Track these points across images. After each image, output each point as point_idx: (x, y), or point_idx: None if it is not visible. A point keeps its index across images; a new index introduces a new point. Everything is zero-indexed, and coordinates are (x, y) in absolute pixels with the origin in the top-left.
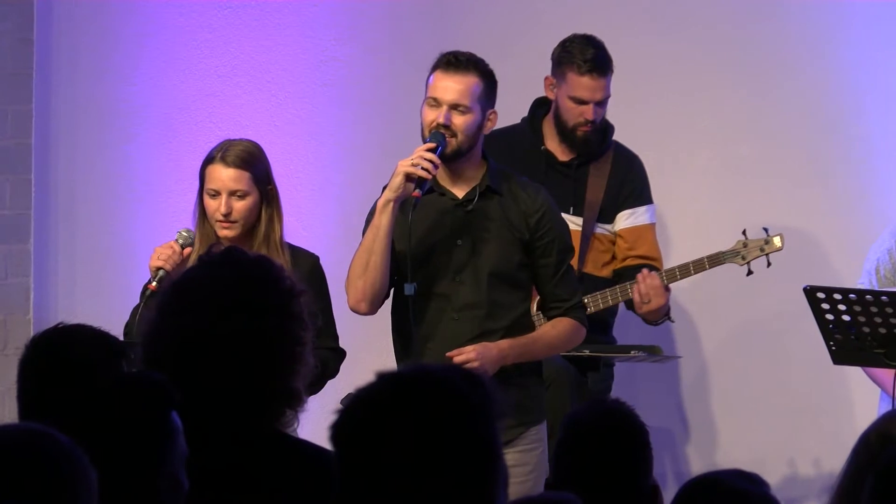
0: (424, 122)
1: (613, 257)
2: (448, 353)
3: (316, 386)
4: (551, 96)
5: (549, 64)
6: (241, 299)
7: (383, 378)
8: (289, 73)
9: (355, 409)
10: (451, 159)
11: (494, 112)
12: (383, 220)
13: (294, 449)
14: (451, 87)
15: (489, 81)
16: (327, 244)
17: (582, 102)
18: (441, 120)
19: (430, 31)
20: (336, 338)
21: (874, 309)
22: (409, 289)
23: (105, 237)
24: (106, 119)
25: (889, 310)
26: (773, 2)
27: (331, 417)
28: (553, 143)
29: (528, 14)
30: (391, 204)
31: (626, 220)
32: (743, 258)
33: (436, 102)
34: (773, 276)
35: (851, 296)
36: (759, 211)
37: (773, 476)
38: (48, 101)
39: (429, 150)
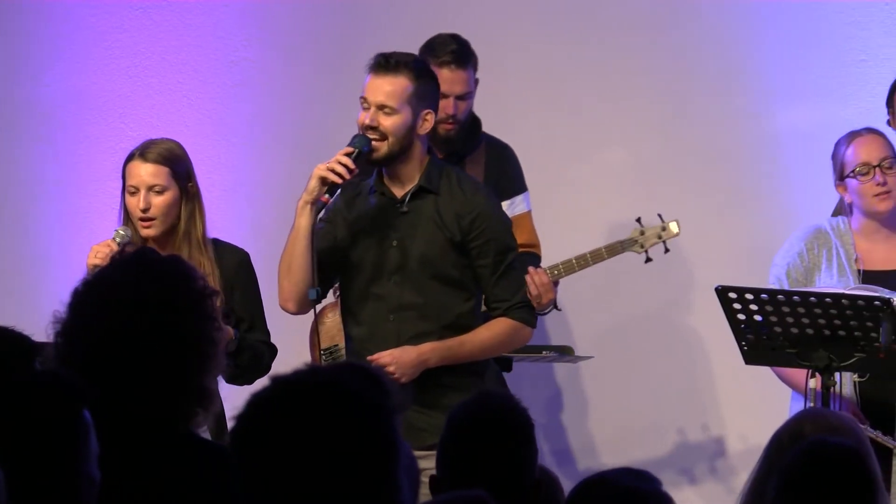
0: (357, 122)
1: None
2: (368, 357)
3: (251, 377)
4: None
5: None
6: (153, 298)
7: (277, 382)
8: (199, 74)
9: (251, 414)
10: (384, 162)
11: (431, 112)
12: (301, 222)
13: (203, 449)
14: (379, 88)
15: (423, 82)
16: (239, 244)
17: (442, 96)
18: (367, 121)
19: (342, 32)
20: (268, 333)
21: (786, 309)
22: (311, 293)
23: (16, 237)
24: (18, 120)
25: (801, 309)
26: (683, 3)
27: (230, 424)
28: None
29: (439, 16)
30: (308, 206)
31: (506, 210)
32: (641, 246)
33: (365, 103)
34: (683, 276)
35: (763, 296)
36: (669, 211)
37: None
38: None
39: (347, 154)
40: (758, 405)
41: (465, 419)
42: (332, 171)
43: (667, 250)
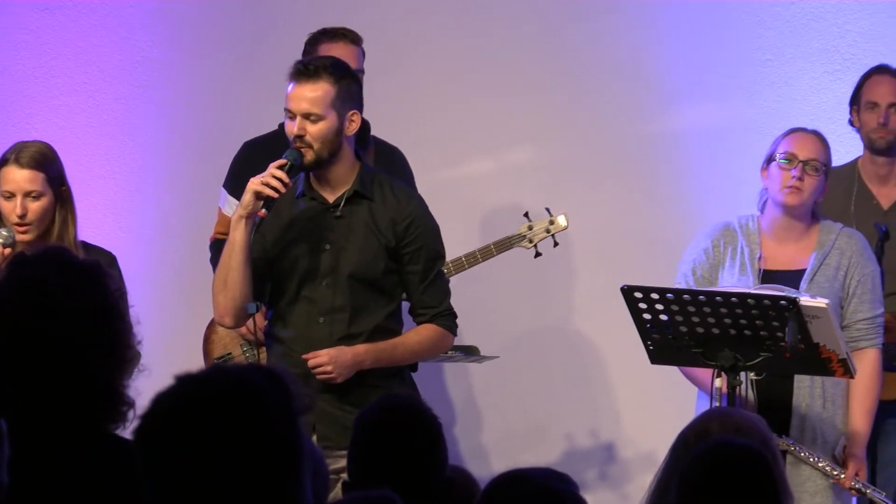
0: (287, 133)
1: None
2: (303, 356)
3: None
4: None
5: (365, 64)
6: (72, 300)
7: (181, 381)
8: (105, 75)
9: (154, 412)
10: (315, 168)
11: (356, 113)
12: (237, 236)
13: (124, 450)
14: (301, 96)
15: (345, 84)
16: (144, 245)
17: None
18: (294, 131)
19: (247, 32)
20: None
21: (691, 308)
22: (251, 307)
23: None
24: None
25: (706, 309)
26: (587, 3)
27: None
28: None
29: (343, 14)
30: (244, 220)
31: None
32: (530, 241)
33: (290, 114)
34: (587, 274)
35: (669, 295)
36: (578, 211)
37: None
38: None
39: (280, 166)
40: (658, 410)
41: (371, 421)
42: (268, 185)
43: (556, 244)
